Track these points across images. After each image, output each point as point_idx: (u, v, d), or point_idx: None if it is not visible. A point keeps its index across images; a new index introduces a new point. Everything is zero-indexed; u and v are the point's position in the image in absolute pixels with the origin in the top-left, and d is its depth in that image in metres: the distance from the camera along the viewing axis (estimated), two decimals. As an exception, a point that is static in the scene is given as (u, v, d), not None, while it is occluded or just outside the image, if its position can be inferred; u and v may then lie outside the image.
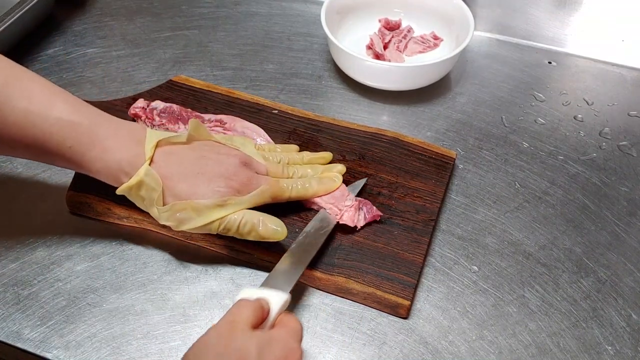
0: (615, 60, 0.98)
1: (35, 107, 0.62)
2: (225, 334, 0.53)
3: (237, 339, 0.53)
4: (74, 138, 0.63)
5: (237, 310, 0.56)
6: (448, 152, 0.81)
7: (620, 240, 0.75)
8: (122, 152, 0.64)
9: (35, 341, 0.64)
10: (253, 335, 0.54)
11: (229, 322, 0.54)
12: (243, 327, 0.54)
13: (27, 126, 0.62)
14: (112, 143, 0.64)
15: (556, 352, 0.65)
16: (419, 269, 0.69)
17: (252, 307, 0.56)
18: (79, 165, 0.65)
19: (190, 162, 0.67)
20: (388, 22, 0.98)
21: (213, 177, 0.66)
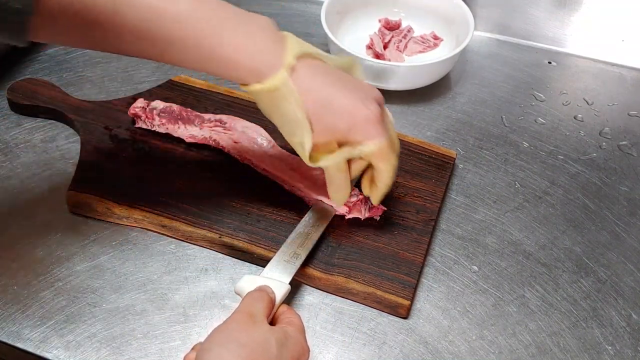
0: (615, 60, 0.98)
1: (160, 2, 0.57)
2: (247, 326, 0.54)
3: (260, 332, 0.54)
4: (203, 36, 0.59)
5: (253, 302, 0.57)
6: (448, 152, 0.81)
7: (620, 240, 0.75)
8: (255, 48, 0.59)
9: (35, 341, 0.64)
10: (272, 330, 0.54)
11: (248, 315, 0.55)
12: (262, 319, 0.55)
13: (152, 21, 0.57)
14: (243, 38, 0.59)
15: (556, 352, 0.65)
16: (419, 269, 0.69)
17: (265, 300, 0.58)
18: (210, 63, 0.60)
19: (335, 77, 0.62)
20: (388, 22, 0.98)
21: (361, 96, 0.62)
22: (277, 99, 0.60)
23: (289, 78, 0.59)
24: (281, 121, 0.63)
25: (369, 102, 0.62)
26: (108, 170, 0.76)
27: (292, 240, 0.68)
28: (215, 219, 0.72)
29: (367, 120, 0.62)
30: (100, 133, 0.80)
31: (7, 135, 0.82)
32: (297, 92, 0.60)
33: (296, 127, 0.62)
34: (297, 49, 0.61)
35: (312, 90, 0.61)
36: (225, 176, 0.76)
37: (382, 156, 0.64)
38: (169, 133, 0.79)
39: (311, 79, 0.61)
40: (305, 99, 0.60)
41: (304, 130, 0.61)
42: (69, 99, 0.84)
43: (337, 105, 0.61)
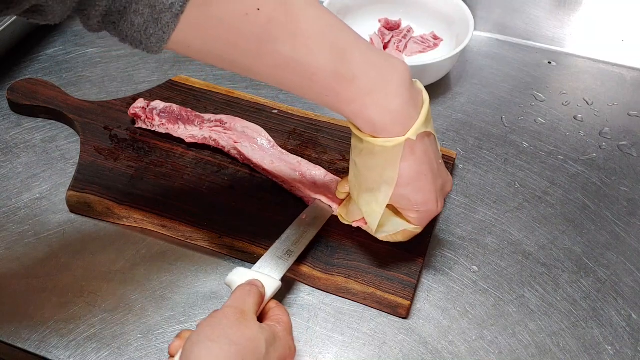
0: (615, 60, 0.98)
1: (299, 55, 0.55)
2: (238, 323, 0.54)
3: (250, 330, 0.54)
4: (332, 89, 0.57)
5: (243, 298, 0.57)
6: (448, 152, 0.81)
7: (620, 240, 0.75)
8: (384, 112, 0.58)
9: (35, 341, 0.64)
10: (262, 329, 0.55)
11: (240, 311, 0.55)
12: (252, 317, 0.56)
13: (286, 71, 0.56)
14: (376, 99, 0.57)
15: (556, 352, 0.65)
16: (419, 269, 0.69)
17: (257, 296, 0.58)
18: (333, 109, 0.60)
19: (433, 160, 0.62)
20: (388, 22, 0.98)
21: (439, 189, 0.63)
22: (378, 152, 0.60)
23: (401, 147, 0.59)
24: (364, 166, 0.63)
25: (441, 199, 0.64)
26: (108, 170, 0.76)
27: (287, 237, 0.68)
28: (215, 219, 0.72)
29: (429, 214, 0.64)
30: (100, 133, 0.80)
31: (7, 135, 0.82)
32: (399, 158, 0.59)
33: (375, 177, 0.62)
34: (423, 128, 0.60)
35: (413, 164, 0.60)
36: (225, 176, 0.76)
37: (406, 237, 0.67)
38: (169, 133, 0.79)
39: (418, 156, 0.60)
40: (402, 165, 0.60)
41: (388, 185, 0.61)
42: (69, 99, 0.84)
43: (420, 188, 0.62)
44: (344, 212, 0.71)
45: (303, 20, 0.55)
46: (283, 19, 0.54)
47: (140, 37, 0.53)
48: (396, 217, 0.65)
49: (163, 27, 0.52)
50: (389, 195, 0.62)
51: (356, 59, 0.57)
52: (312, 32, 0.56)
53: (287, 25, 0.54)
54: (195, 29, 0.53)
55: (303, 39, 0.55)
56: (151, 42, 0.53)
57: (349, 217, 0.70)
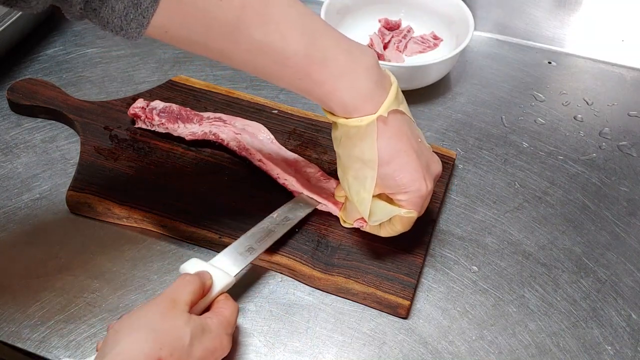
0: (615, 60, 0.98)
1: (271, 39, 0.57)
2: (164, 311, 0.55)
3: (176, 320, 0.54)
4: (305, 73, 0.59)
5: (179, 288, 0.58)
6: (448, 152, 0.81)
7: (620, 240, 0.75)
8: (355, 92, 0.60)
9: (35, 341, 0.64)
10: (190, 320, 0.55)
11: (170, 300, 0.56)
12: (183, 307, 0.56)
13: (259, 56, 0.59)
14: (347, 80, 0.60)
15: (556, 352, 0.65)
16: (419, 269, 0.69)
17: (194, 286, 0.58)
18: (308, 95, 0.62)
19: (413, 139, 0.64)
20: (388, 22, 0.98)
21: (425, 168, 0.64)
22: (353, 135, 0.62)
23: (374, 124, 0.61)
24: (345, 154, 0.64)
25: (429, 179, 0.64)
26: (108, 170, 0.76)
27: (252, 234, 0.68)
28: (215, 219, 0.72)
29: (419, 195, 0.64)
30: (100, 133, 0.80)
31: (7, 135, 0.82)
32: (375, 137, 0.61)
33: (358, 164, 0.63)
34: (394, 105, 0.62)
35: (390, 142, 0.62)
36: (225, 176, 0.76)
37: (404, 224, 0.66)
38: (168, 133, 0.79)
39: (392, 133, 0.62)
40: (380, 145, 0.62)
41: (371, 168, 0.63)
42: (69, 99, 0.84)
43: (403, 166, 0.63)
44: (344, 214, 0.71)
45: (276, 6, 0.58)
46: (256, 5, 0.57)
47: (121, 22, 0.55)
48: (388, 204, 0.65)
49: (143, 12, 0.54)
50: (374, 178, 0.63)
51: (326, 43, 0.60)
52: (284, 18, 0.58)
53: (260, 11, 0.57)
54: (173, 14, 0.55)
55: (275, 25, 0.57)
56: (131, 27, 0.55)
57: (348, 217, 0.70)
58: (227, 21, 0.56)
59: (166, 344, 0.53)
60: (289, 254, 0.69)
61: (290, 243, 0.70)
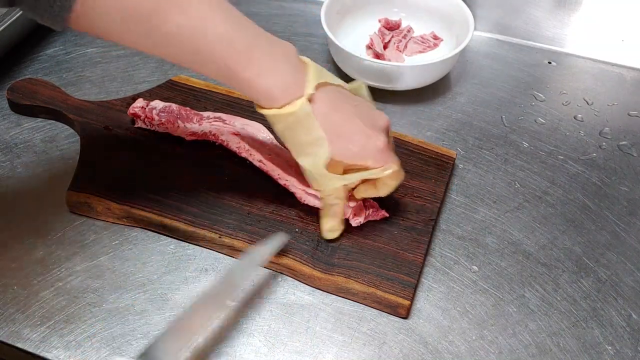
0: (615, 60, 0.98)
1: (193, 23, 0.59)
2: None
3: None
4: (230, 57, 0.61)
5: None
6: (448, 152, 0.81)
7: (620, 240, 0.75)
8: (277, 76, 0.62)
9: (35, 341, 0.64)
10: None
11: None
12: None
13: (180, 41, 0.60)
14: (268, 65, 0.62)
15: (556, 352, 0.65)
16: (419, 269, 0.69)
17: None
18: (231, 81, 0.63)
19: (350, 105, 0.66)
20: (388, 22, 0.98)
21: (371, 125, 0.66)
22: (292, 123, 0.64)
23: (307, 104, 0.63)
24: (293, 143, 0.66)
25: (378, 133, 0.66)
26: (108, 170, 0.76)
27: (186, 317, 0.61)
28: (215, 219, 0.72)
29: (378, 150, 0.66)
30: (100, 133, 0.80)
31: (7, 135, 0.82)
32: (313, 116, 0.63)
33: (309, 147, 0.65)
34: (317, 79, 0.64)
35: (328, 115, 0.64)
36: (225, 176, 0.76)
37: (394, 176, 0.68)
38: (168, 133, 0.79)
39: (327, 105, 0.64)
40: (321, 122, 0.63)
41: (320, 145, 0.64)
42: (69, 99, 0.84)
43: (350, 132, 0.65)
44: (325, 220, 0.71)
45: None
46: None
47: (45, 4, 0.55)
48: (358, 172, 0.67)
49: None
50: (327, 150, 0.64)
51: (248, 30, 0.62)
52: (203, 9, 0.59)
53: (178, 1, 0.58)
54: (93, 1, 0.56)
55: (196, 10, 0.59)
56: (54, 10, 0.55)
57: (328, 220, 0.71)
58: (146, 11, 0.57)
59: None
60: (289, 253, 0.69)
61: (290, 243, 0.70)
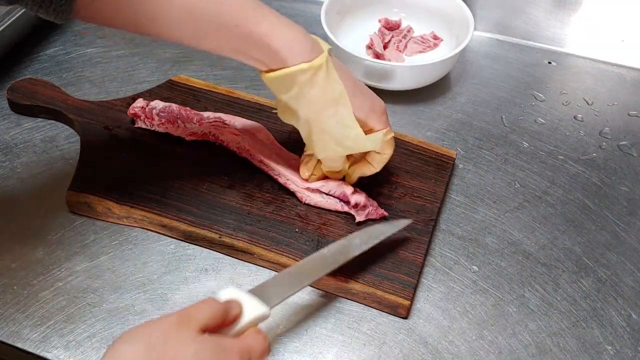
0: (615, 60, 0.98)
1: None
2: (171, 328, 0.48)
3: (180, 337, 0.48)
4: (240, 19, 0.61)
5: (198, 307, 0.51)
6: (448, 152, 0.81)
7: (620, 240, 0.75)
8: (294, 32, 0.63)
9: (35, 341, 0.64)
10: (197, 339, 0.48)
11: (181, 317, 0.49)
12: (193, 327, 0.49)
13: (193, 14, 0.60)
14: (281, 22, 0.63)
15: (556, 352, 0.65)
16: (419, 269, 0.69)
17: (214, 310, 0.51)
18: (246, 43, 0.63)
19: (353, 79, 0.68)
20: (388, 22, 0.98)
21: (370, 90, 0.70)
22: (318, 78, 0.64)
23: (329, 58, 0.65)
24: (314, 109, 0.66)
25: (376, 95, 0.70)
26: (108, 170, 0.76)
27: (298, 267, 0.64)
28: (215, 219, 0.72)
29: (383, 111, 0.69)
30: (100, 133, 0.80)
31: (7, 135, 0.82)
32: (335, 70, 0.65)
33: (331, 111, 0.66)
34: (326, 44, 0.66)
35: (344, 75, 0.66)
36: (225, 176, 0.76)
37: (390, 144, 0.71)
38: (168, 133, 0.79)
39: (340, 67, 0.67)
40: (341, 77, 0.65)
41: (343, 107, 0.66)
42: (69, 99, 0.84)
43: (365, 91, 0.68)
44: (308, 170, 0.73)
45: None
46: None
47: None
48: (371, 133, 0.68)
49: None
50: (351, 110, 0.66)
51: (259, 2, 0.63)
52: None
53: None
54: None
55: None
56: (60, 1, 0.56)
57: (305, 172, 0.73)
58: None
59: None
60: (289, 254, 0.69)
61: (290, 243, 0.70)
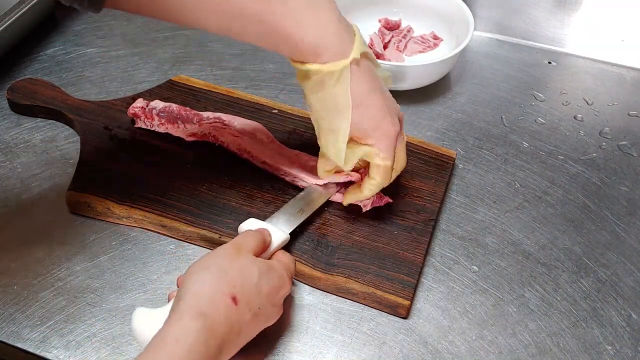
0: (615, 60, 0.98)
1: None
2: (232, 255, 0.59)
3: (242, 260, 0.59)
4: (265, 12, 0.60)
5: (243, 238, 0.62)
6: (448, 152, 0.81)
7: (620, 240, 0.75)
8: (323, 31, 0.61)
9: (35, 341, 0.64)
10: (256, 261, 0.59)
11: (236, 245, 0.60)
12: (248, 251, 0.60)
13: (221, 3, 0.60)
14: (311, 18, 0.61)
15: (556, 352, 0.65)
16: (419, 269, 0.69)
17: (257, 238, 0.63)
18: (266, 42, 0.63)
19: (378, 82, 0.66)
20: (388, 22, 0.98)
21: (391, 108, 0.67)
22: (329, 82, 0.63)
23: (349, 67, 0.62)
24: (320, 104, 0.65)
25: (395, 118, 0.67)
26: (108, 170, 0.76)
27: (301, 197, 0.72)
28: (215, 219, 0.72)
29: (387, 134, 0.66)
30: (100, 133, 0.80)
31: (7, 135, 0.82)
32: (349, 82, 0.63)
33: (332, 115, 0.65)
34: (362, 47, 0.63)
35: (359, 84, 0.64)
36: (225, 176, 0.76)
37: (382, 173, 0.68)
38: (168, 133, 0.79)
39: (361, 75, 0.64)
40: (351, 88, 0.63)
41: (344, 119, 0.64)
42: (69, 99, 0.84)
43: (372, 106, 0.65)
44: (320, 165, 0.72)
45: None
46: None
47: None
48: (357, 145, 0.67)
49: None
50: (348, 128, 0.65)
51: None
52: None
53: None
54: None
55: None
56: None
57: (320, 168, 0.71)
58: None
59: (237, 282, 0.57)
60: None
61: (290, 243, 0.70)
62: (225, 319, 0.55)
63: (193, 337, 0.52)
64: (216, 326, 0.54)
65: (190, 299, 0.54)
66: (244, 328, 0.57)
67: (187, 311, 0.53)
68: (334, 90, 0.63)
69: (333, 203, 0.74)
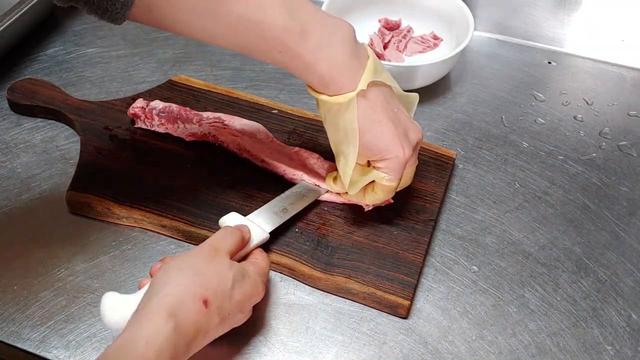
0: (615, 60, 0.98)
1: (251, 12, 0.60)
2: (208, 257, 0.59)
3: (218, 264, 0.59)
4: (284, 46, 0.62)
5: (221, 237, 0.62)
6: (448, 152, 0.81)
7: (620, 240, 0.75)
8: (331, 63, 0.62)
9: (35, 341, 0.64)
10: (232, 266, 0.59)
11: (213, 248, 0.60)
12: (224, 254, 0.60)
13: (240, 30, 0.61)
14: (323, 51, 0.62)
15: (556, 352, 0.65)
16: (419, 269, 0.69)
17: (236, 237, 0.63)
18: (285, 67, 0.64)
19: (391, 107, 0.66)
20: (388, 22, 0.98)
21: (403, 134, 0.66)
22: (337, 111, 0.65)
23: (354, 100, 0.63)
24: (331, 129, 0.67)
25: (406, 143, 0.66)
26: (108, 170, 0.76)
27: (287, 196, 0.72)
28: (215, 219, 0.72)
29: (395, 160, 0.66)
30: (100, 133, 0.80)
31: (7, 135, 0.82)
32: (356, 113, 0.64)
33: (342, 139, 0.66)
34: (373, 76, 0.64)
35: (367, 112, 0.64)
36: (225, 176, 0.76)
37: (386, 191, 0.69)
38: (168, 133, 0.79)
39: (371, 104, 0.64)
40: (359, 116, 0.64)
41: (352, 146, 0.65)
42: (69, 99, 0.84)
43: (380, 134, 0.65)
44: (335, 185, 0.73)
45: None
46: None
47: (106, 3, 0.57)
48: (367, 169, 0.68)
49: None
50: (356, 153, 0.66)
51: (304, 15, 0.62)
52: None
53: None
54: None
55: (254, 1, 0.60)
56: (116, 7, 0.57)
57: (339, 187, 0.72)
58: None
59: (211, 286, 0.57)
60: (289, 253, 0.69)
61: (290, 243, 0.70)
62: (195, 321, 0.55)
63: (162, 339, 0.52)
64: (185, 328, 0.54)
65: (162, 298, 0.54)
66: (211, 331, 0.57)
67: (159, 311, 0.53)
68: (342, 119, 0.65)
69: (333, 203, 0.74)
